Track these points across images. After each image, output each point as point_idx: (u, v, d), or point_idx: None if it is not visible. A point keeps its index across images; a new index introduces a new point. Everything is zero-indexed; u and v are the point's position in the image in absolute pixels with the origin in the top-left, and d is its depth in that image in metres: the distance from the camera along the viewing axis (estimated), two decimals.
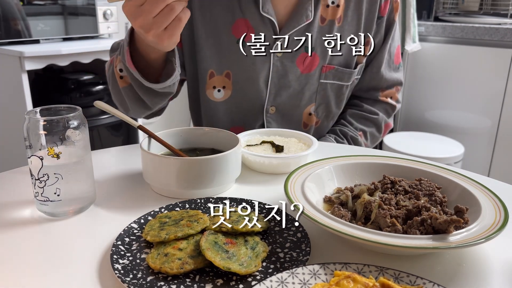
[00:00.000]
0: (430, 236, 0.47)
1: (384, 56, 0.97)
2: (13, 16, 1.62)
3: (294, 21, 0.86)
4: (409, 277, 0.43)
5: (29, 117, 0.55)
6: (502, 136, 2.24)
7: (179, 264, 0.45)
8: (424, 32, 2.42)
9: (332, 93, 0.94)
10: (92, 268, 0.48)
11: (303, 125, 0.97)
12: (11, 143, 1.72)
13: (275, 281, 0.42)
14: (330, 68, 0.91)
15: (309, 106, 0.95)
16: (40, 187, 0.56)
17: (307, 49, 0.87)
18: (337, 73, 0.92)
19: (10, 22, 1.62)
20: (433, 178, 0.62)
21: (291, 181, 0.59)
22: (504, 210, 0.52)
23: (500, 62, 2.16)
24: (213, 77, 0.91)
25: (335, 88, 0.94)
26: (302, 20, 0.85)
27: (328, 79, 0.92)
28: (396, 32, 0.99)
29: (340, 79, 0.93)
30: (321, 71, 0.91)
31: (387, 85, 1.00)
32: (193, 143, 0.76)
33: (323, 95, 0.94)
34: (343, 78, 0.93)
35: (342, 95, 0.96)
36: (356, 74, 0.95)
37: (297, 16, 0.85)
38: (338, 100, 0.96)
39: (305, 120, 0.96)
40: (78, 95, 1.83)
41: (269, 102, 0.92)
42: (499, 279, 0.47)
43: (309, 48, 0.83)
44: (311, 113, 0.96)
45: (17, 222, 0.58)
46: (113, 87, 0.87)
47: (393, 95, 1.02)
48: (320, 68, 0.91)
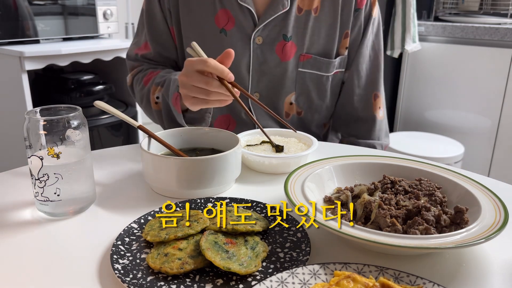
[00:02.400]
0: (430, 236, 0.47)
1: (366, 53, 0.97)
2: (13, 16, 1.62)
3: (271, 10, 0.89)
4: (409, 277, 0.43)
5: (29, 117, 0.55)
6: (502, 136, 2.24)
7: (179, 264, 0.45)
8: (424, 32, 2.42)
9: (311, 83, 0.96)
10: (92, 268, 0.48)
11: (285, 115, 0.99)
12: (11, 143, 1.72)
13: (275, 281, 0.42)
14: (307, 57, 0.93)
15: (289, 95, 0.97)
16: (40, 187, 0.56)
17: (285, 37, 0.91)
18: (316, 62, 0.94)
19: (10, 22, 1.62)
20: (433, 178, 0.62)
21: (291, 181, 0.59)
22: (504, 210, 0.52)
23: (500, 62, 2.16)
24: None
25: (315, 78, 0.95)
26: (279, 9, 0.89)
27: (306, 68, 0.94)
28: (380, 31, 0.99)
29: (318, 69, 0.95)
30: (299, 59, 0.93)
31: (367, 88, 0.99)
32: (193, 143, 0.76)
33: (302, 84, 0.96)
34: (321, 67, 0.94)
35: (323, 86, 0.97)
36: (338, 67, 0.96)
37: (274, 5, 0.89)
38: (319, 91, 0.97)
39: (286, 110, 0.98)
40: (78, 95, 1.83)
41: (252, 88, 0.95)
42: (499, 279, 0.47)
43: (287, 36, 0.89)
44: (292, 103, 0.98)
45: (17, 222, 0.58)
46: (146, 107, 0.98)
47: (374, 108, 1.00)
48: (298, 56, 0.93)
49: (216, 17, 0.91)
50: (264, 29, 0.90)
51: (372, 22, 0.96)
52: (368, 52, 0.98)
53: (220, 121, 0.99)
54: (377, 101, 1.00)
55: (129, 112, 1.95)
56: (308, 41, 0.92)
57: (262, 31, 0.91)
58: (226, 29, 0.91)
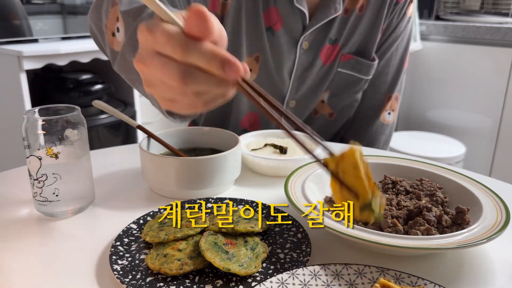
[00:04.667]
0: (431, 236, 0.47)
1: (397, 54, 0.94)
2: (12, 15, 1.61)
3: (322, 14, 0.83)
4: (410, 278, 0.42)
5: (27, 117, 0.55)
6: (503, 136, 2.23)
7: (179, 265, 0.45)
8: (425, 31, 2.41)
9: (347, 84, 0.92)
10: (91, 269, 0.47)
11: (313, 112, 0.95)
12: (9, 143, 1.71)
13: (275, 282, 0.42)
14: (348, 58, 0.89)
15: (323, 94, 0.93)
16: (38, 187, 0.56)
17: (330, 40, 0.86)
18: (356, 64, 0.90)
19: (9, 21, 1.61)
20: (434, 178, 0.62)
21: (292, 181, 0.58)
22: (506, 210, 0.51)
23: (501, 61, 2.16)
24: None
25: (353, 80, 0.91)
26: (331, 13, 0.83)
27: (346, 68, 0.90)
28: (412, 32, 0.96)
29: (359, 71, 0.90)
30: (340, 59, 0.89)
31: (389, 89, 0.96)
32: (192, 143, 0.76)
33: (338, 84, 0.92)
34: (361, 70, 0.90)
35: (360, 89, 0.93)
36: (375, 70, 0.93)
37: (325, 9, 0.83)
38: (354, 94, 0.94)
39: (316, 107, 0.94)
40: (77, 94, 1.83)
41: (290, 95, 0.91)
42: (500, 280, 0.46)
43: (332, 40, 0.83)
44: (324, 101, 0.94)
45: (15, 222, 0.58)
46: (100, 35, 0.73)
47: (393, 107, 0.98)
48: (339, 57, 0.89)
49: (266, 13, 0.83)
50: (311, 34, 0.85)
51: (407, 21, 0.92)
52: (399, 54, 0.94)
53: (247, 118, 0.94)
54: (388, 104, 0.97)
55: (128, 111, 1.95)
56: (351, 41, 0.88)
57: (309, 36, 0.85)
58: (274, 29, 0.84)
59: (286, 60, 0.87)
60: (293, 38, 0.85)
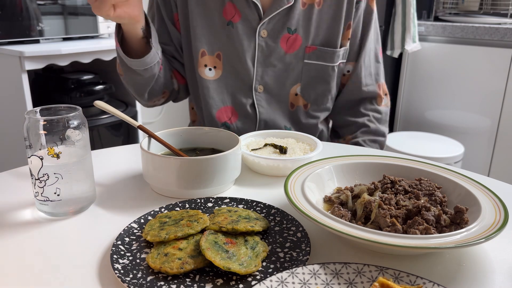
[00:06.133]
0: (430, 236, 0.47)
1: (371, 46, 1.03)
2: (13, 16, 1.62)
3: (276, 4, 0.92)
4: (409, 277, 0.43)
5: (29, 117, 0.55)
6: (502, 136, 2.24)
7: (179, 264, 0.45)
8: (424, 32, 2.42)
9: (317, 74, 0.99)
10: (92, 268, 0.48)
11: (290, 106, 1.01)
12: (11, 143, 1.72)
13: (275, 281, 0.42)
14: (312, 49, 0.97)
15: (294, 86, 1.00)
16: (40, 187, 0.56)
17: (289, 30, 0.95)
18: (321, 53, 0.97)
19: (10, 22, 1.62)
20: (433, 178, 0.62)
21: (291, 181, 0.59)
22: (504, 210, 0.52)
23: (500, 61, 2.16)
24: (204, 56, 0.97)
25: (320, 69, 0.98)
26: (283, 3, 0.92)
27: (312, 59, 0.97)
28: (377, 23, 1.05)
29: (324, 59, 0.98)
30: (305, 51, 0.97)
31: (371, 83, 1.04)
32: (193, 143, 0.76)
33: (308, 75, 0.99)
34: (326, 58, 0.98)
35: (329, 77, 1.00)
36: (341, 58, 1.00)
37: (279, 0, 0.92)
38: (325, 82, 1.00)
39: (291, 101, 1.01)
40: (78, 95, 1.83)
41: (256, 81, 0.98)
42: (499, 279, 0.47)
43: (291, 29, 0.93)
44: (297, 94, 1.00)
45: (17, 222, 0.58)
46: None
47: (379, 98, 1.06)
48: (303, 48, 0.96)
49: (224, 9, 0.94)
50: (269, 23, 0.94)
51: (373, 16, 1.01)
52: (373, 45, 1.03)
53: (222, 112, 1.00)
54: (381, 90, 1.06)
55: (129, 112, 1.95)
56: (313, 33, 0.96)
57: (267, 25, 0.94)
58: (233, 21, 0.94)
59: (247, 49, 0.95)
60: (251, 28, 0.94)
